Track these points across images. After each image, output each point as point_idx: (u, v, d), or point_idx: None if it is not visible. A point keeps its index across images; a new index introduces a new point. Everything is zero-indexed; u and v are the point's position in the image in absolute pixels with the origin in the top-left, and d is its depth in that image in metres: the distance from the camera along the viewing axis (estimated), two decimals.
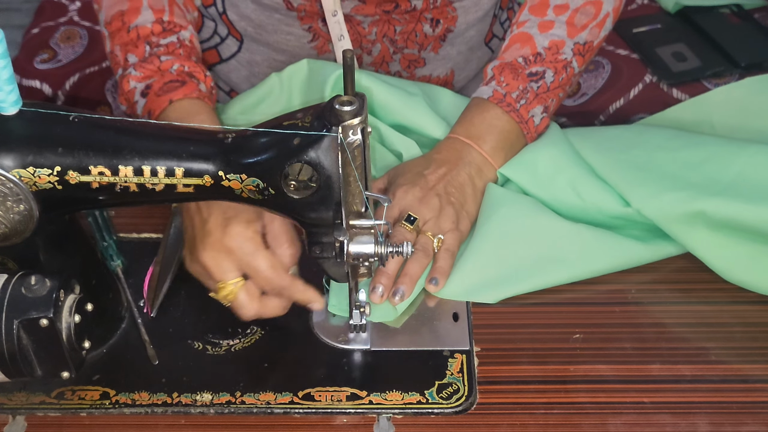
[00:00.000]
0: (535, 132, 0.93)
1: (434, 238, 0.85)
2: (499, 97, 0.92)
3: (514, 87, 0.92)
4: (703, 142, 0.92)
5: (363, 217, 0.71)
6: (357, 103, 0.65)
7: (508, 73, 0.93)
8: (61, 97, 1.22)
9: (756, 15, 1.30)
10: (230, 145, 0.69)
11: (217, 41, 1.09)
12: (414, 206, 0.85)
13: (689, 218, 0.84)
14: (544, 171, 0.90)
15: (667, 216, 0.85)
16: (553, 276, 0.85)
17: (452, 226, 0.86)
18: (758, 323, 0.83)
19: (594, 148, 0.92)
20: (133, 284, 0.84)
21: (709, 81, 1.17)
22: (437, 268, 0.84)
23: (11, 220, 0.69)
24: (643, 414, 0.75)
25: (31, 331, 0.67)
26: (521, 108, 0.92)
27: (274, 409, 0.75)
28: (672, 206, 0.84)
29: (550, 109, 0.95)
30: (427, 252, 0.84)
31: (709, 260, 0.86)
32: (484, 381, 0.77)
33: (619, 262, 0.86)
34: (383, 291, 0.81)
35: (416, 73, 1.08)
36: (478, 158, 0.90)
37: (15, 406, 0.75)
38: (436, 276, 0.83)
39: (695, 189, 0.85)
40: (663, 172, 0.88)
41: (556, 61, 0.94)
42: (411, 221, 0.84)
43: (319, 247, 0.72)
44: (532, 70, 0.93)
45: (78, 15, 1.35)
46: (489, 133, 0.91)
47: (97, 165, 0.68)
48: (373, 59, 1.05)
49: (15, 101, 0.67)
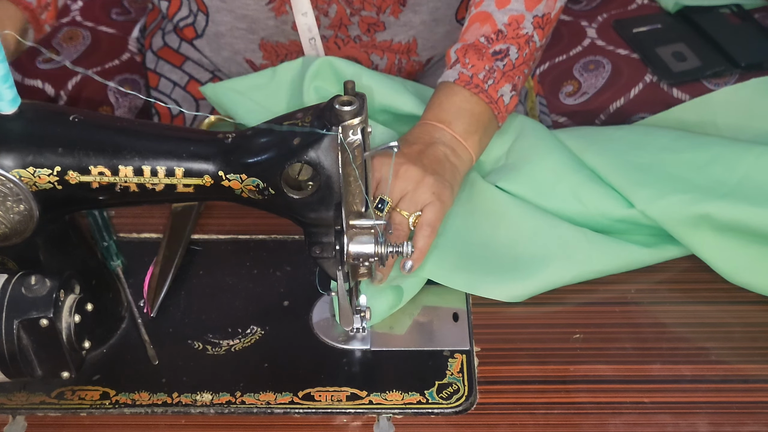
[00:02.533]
0: (506, 111, 0.91)
1: (411, 215, 0.82)
2: (465, 79, 0.90)
3: (480, 68, 0.91)
4: (708, 143, 0.92)
5: (363, 217, 0.71)
6: (357, 103, 0.65)
7: (473, 54, 0.91)
8: (63, 97, 1.22)
9: (756, 15, 1.30)
10: (230, 145, 0.69)
11: (191, 19, 1.10)
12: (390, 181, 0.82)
13: (694, 220, 0.84)
14: (544, 181, 0.90)
15: (671, 217, 0.85)
16: (559, 275, 0.85)
17: (431, 197, 0.82)
18: (758, 323, 0.83)
19: (597, 150, 0.92)
20: (133, 284, 0.84)
21: (709, 81, 1.18)
22: (418, 251, 0.80)
23: (11, 220, 0.69)
24: (644, 414, 0.74)
25: (31, 331, 0.67)
26: (489, 88, 0.90)
27: (274, 409, 0.75)
28: (677, 208, 0.84)
29: (518, 87, 0.93)
30: (403, 230, 0.81)
31: (713, 262, 0.85)
32: (484, 381, 0.77)
33: (623, 263, 0.86)
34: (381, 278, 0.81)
35: (376, 37, 1.07)
36: (451, 140, 0.89)
37: (15, 406, 0.75)
38: (412, 261, 0.80)
39: (700, 191, 0.85)
40: (667, 174, 0.88)
41: (518, 36, 0.92)
42: (380, 208, 0.81)
43: (319, 247, 0.72)
44: (496, 48, 0.92)
45: (80, 15, 1.36)
46: (459, 116, 0.89)
47: (97, 165, 0.68)
48: (330, 21, 1.04)
49: (13, 99, 0.67)
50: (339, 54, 1.07)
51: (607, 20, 1.30)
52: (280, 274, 0.87)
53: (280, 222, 0.75)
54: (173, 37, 1.17)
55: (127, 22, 1.36)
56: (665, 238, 0.87)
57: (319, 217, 0.70)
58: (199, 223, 0.93)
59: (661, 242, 0.88)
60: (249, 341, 0.81)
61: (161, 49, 1.18)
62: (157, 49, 1.18)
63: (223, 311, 0.84)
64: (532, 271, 0.84)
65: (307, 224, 0.71)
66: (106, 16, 1.37)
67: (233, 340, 0.81)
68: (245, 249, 0.90)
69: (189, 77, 1.14)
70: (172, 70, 1.15)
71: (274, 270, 0.88)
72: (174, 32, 1.18)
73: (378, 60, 1.09)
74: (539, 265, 0.84)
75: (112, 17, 1.38)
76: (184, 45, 1.16)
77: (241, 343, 0.80)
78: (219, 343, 0.80)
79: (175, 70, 1.15)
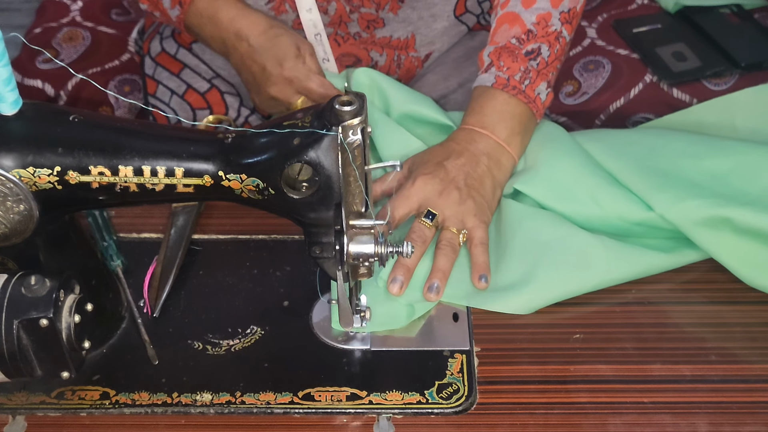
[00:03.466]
0: (543, 108, 0.94)
1: (459, 233, 0.85)
2: (503, 82, 0.93)
3: (515, 69, 0.93)
4: (726, 148, 0.90)
5: (363, 217, 0.71)
6: (357, 103, 0.65)
7: (506, 57, 0.93)
8: (63, 97, 1.22)
9: (756, 15, 1.29)
10: (230, 145, 0.69)
11: None
12: (433, 199, 0.87)
13: (713, 223, 0.83)
14: (563, 183, 0.90)
15: (690, 220, 0.84)
16: (579, 284, 0.84)
17: (475, 220, 0.87)
18: (758, 323, 0.83)
19: (614, 154, 0.91)
20: (133, 284, 0.84)
21: (709, 81, 1.18)
22: (480, 264, 0.85)
23: (11, 220, 0.69)
24: (644, 414, 0.74)
25: (31, 331, 0.67)
26: (527, 89, 0.92)
27: (274, 409, 0.75)
28: (696, 211, 0.83)
29: (552, 82, 0.96)
30: (454, 247, 0.85)
31: (732, 266, 0.84)
32: (484, 381, 0.77)
33: (642, 269, 0.85)
34: (403, 283, 0.82)
35: (376, 34, 1.08)
36: (495, 148, 0.91)
37: (15, 406, 0.75)
38: (484, 273, 0.84)
39: (722, 198, 0.84)
40: (688, 181, 0.87)
41: (548, 34, 0.94)
42: (430, 218, 0.85)
43: (319, 247, 0.72)
44: (528, 48, 0.94)
45: (80, 15, 1.36)
46: (501, 120, 0.92)
47: (97, 165, 0.68)
48: (330, 18, 1.06)
49: (14, 101, 0.67)
50: (339, 51, 1.08)
51: (607, 20, 1.30)
52: (280, 274, 0.87)
53: (280, 222, 0.75)
54: (171, 42, 1.17)
55: (127, 22, 1.37)
56: (683, 242, 0.87)
57: (319, 217, 0.70)
58: (199, 223, 0.93)
59: (679, 246, 0.87)
60: (249, 341, 0.81)
61: (159, 54, 1.17)
62: (155, 55, 1.18)
63: (223, 311, 0.83)
64: (551, 283, 0.83)
65: (307, 224, 0.71)
66: (106, 17, 1.37)
67: (233, 340, 0.81)
68: (245, 249, 0.90)
69: (187, 86, 1.14)
70: (170, 78, 1.15)
71: (274, 270, 0.88)
72: (172, 37, 1.18)
73: (377, 56, 1.09)
74: (558, 276, 0.84)
75: (112, 18, 1.38)
76: (181, 51, 1.16)
77: (241, 343, 0.80)
78: (219, 343, 0.80)
79: (173, 78, 1.15)
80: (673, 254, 0.86)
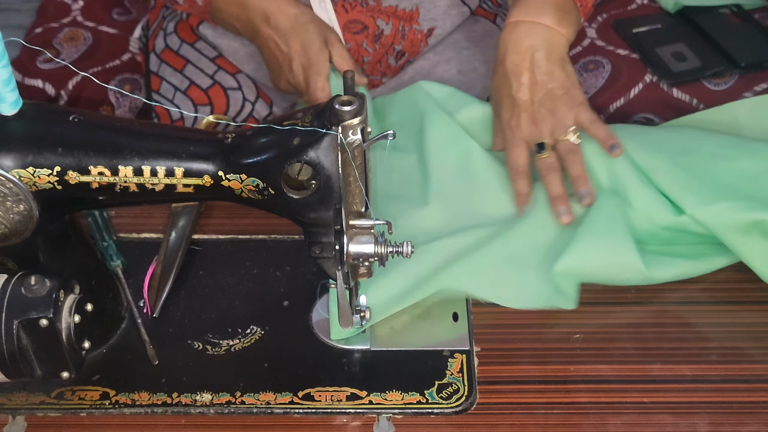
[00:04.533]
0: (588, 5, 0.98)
1: (569, 134, 0.90)
2: None
3: None
4: (757, 150, 0.90)
5: (363, 217, 0.71)
6: (357, 103, 0.65)
7: None
8: (64, 96, 1.22)
9: (756, 15, 1.29)
10: (230, 145, 0.69)
11: None
12: (533, 132, 0.92)
13: (745, 227, 0.82)
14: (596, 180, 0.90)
15: (721, 222, 0.83)
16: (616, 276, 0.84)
17: (572, 112, 0.91)
18: (758, 323, 0.83)
19: (646, 151, 0.90)
20: (133, 284, 0.84)
21: (709, 81, 1.17)
22: (606, 137, 0.89)
23: (11, 220, 0.69)
24: (644, 414, 0.74)
25: (31, 332, 0.67)
26: None
27: (274, 409, 0.75)
28: (727, 213, 0.83)
29: None
30: (575, 151, 0.90)
31: (762, 270, 0.83)
32: (484, 381, 0.77)
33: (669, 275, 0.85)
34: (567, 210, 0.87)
35: (382, 2, 1.09)
36: (545, 34, 0.94)
37: (15, 406, 0.75)
38: (612, 142, 0.88)
39: (754, 200, 0.83)
40: (720, 183, 0.86)
41: None
42: (540, 150, 0.90)
43: (319, 247, 0.72)
44: None
45: (81, 15, 1.36)
46: (545, 7, 0.94)
47: (97, 165, 0.68)
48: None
49: (14, 101, 0.67)
50: (346, 18, 1.09)
51: (607, 20, 1.30)
52: (280, 274, 0.87)
53: (280, 222, 0.75)
54: (174, 38, 1.18)
55: (129, 22, 1.36)
56: (709, 248, 0.86)
57: (318, 217, 0.70)
58: (199, 223, 0.93)
59: (705, 252, 0.86)
60: (249, 341, 0.81)
61: (163, 51, 1.18)
62: (159, 52, 1.19)
63: (223, 311, 0.84)
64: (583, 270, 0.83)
65: (307, 224, 0.71)
66: (107, 16, 1.37)
67: (233, 340, 0.81)
68: (245, 249, 0.90)
69: (190, 82, 1.14)
70: (173, 74, 1.16)
71: (274, 270, 0.88)
72: (175, 33, 1.18)
73: (383, 25, 1.11)
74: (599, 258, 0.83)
75: (113, 17, 1.37)
76: (184, 46, 1.17)
77: (241, 343, 0.80)
78: (219, 343, 0.80)
79: (176, 74, 1.15)
80: (700, 261, 0.85)
